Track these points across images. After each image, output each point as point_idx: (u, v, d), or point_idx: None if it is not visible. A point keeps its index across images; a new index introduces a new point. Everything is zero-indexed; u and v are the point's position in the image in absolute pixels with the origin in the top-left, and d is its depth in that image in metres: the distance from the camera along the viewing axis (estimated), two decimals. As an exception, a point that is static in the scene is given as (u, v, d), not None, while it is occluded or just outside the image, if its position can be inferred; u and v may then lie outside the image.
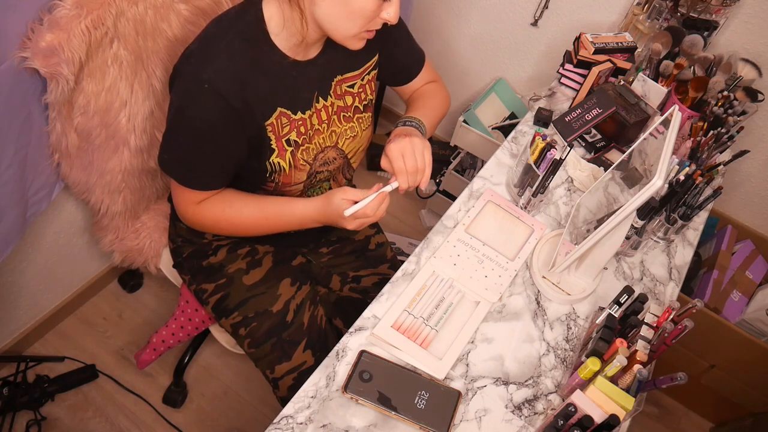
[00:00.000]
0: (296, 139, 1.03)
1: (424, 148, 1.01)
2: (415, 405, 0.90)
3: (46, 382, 1.56)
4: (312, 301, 1.23)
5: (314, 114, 1.05)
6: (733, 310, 1.71)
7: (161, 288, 1.87)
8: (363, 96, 1.12)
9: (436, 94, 1.22)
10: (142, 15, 1.08)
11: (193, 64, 0.93)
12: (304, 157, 1.06)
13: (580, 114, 1.36)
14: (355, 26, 0.91)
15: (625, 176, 1.11)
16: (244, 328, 1.18)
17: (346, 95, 1.09)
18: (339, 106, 1.08)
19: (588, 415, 0.79)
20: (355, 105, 1.11)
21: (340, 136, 1.10)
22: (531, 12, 1.85)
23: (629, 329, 0.94)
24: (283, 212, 1.07)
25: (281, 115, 1.00)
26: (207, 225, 1.09)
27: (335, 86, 1.07)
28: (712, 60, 1.42)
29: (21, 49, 0.97)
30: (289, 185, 1.08)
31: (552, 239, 1.18)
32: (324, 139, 1.08)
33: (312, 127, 1.05)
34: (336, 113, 1.08)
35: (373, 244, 1.37)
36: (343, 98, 1.09)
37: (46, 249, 1.50)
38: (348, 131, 1.12)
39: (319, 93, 1.04)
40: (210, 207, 1.06)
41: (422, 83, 1.24)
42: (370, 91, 1.14)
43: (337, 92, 1.07)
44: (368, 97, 1.14)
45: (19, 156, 1.08)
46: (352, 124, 1.12)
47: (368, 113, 1.15)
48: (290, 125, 1.02)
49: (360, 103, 1.12)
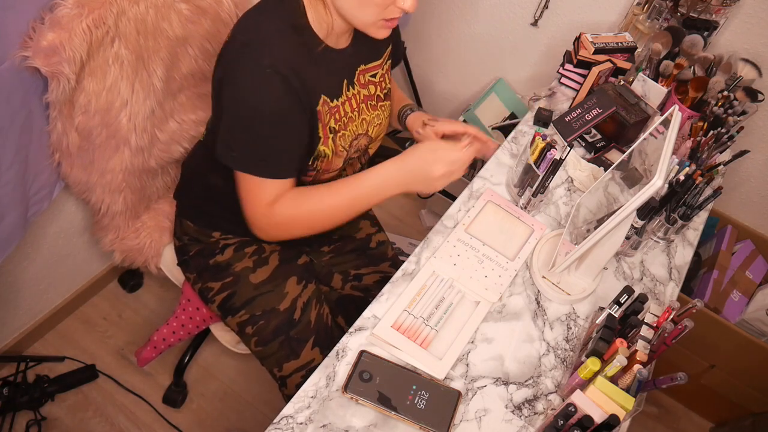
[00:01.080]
0: (334, 126, 1.05)
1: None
2: (415, 405, 0.91)
3: (46, 382, 1.56)
4: (318, 299, 1.23)
5: (346, 101, 1.06)
6: (733, 310, 1.71)
7: (161, 288, 1.87)
8: (383, 85, 1.16)
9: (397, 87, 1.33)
10: (143, 14, 1.08)
11: (251, 52, 0.92)
12: (342, 144, 1.07)
13: (580, 114, 1.36)
14: (371, 14, 0.92)
15: (625, 176, 1.11)
16: (251, 327, 1.18)
17: (369, 84, 1.12)
18: (365, 94, 1.11)
19: (588, 415, 0.79)
20: (377, 94, 1.14)
21: (370, 123, 1.13)
22: (531, 12, 1.85)
23: (629, 329, 0.94)
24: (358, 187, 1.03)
25: (324, 103, 1.01)
26: (282, 226, 1.04)
27: (359, 75, 1.09)
28: (712, 60, 1.42)
29: (22, 48, 0.97)
30: (328, 172, 1.09)
31: (552, 239, 1.18)
32: (357, 126, 1.10)
33: (345, 114, 1.07)
34: (363, 101, 1.11)
35: (374, 242, 1.38)
36: (367, 87, 1.11)
37: (47, 249, 1.50)
38: (375, 119, 1.14)
39: (348, 81, 1.06)
40: (284, 207, 1.02)
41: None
42: (388, 80, 1.17)
43: (361, 81, 1.10)
44: (387, 86, 1.17)
45: (20, 155, 1.08)
46: (378, 113, 1.15)
47: (388, 101, 1.18)
48: (329, 113, 1.03)
49: (381, 92, 1.15)
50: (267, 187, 0.99)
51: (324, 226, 1.08)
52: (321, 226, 1.08)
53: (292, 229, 1.07)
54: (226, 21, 1.26)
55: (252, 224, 1.05)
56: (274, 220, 1.02)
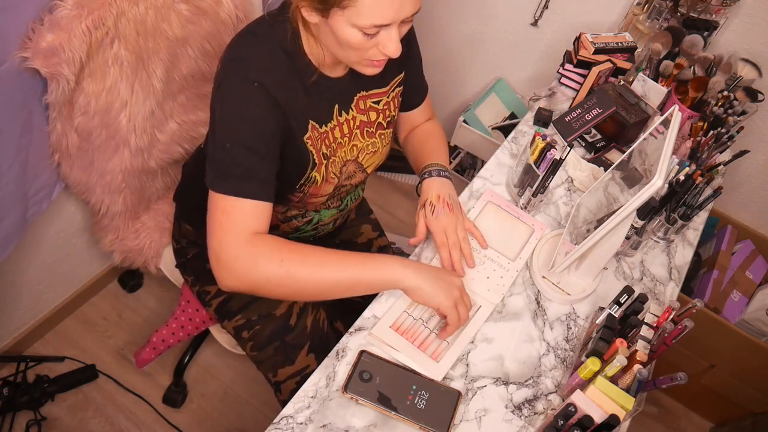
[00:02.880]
0: (326, 152, 1.03)
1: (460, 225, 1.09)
2: (415, 405, 0.90)
3: (46, 382, 1.56)
4: (314, 305, 1.23)
5: (336, 127, 1.03)
6: (733, 310, 1.71)
7: (161, 288, 1.87)
8: (387, 113, 1.12)
9: (442, 137, 1.24)
10: (143, 15, 1.08)
11: (240, 67, 0.91)
12: (333, 170, 1.05)
13: (580, 114, 1.36)
14: (351, 56, 0.90)
15: (625, 176, 1.11)
16: (247, 331, 1.18)
17: (370, 111, 1.08)
18: (362, 120, 1.07)
19: (588, 415, 0.79)
20: (379, 121, 1.10)
21: (362, 150, 1.10)
22: (531, 12, 1.85)
23: (629, 329, 0.94)
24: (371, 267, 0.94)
25: (313, 129, 0.99)
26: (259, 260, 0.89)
27: (358, 101, 1.05)
28: (712, 60, 1.42)
29: (22, 49, 0.97)
30: (316, 196, 1.07)
31: (552, 239, 1.18)
32: (345, 152, 1.07)
33: (335, 140, 1.04)
34: (359, 127, 1.07)
35: (376, 247, 1.38)
36: (367, 113, 1.08)
37: (47, 249, 1.50)
38: (369, 146, 1.11)
39: (340, 106, 1.03)
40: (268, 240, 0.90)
41: (423, 116, 1.26)
42: (394, 108, 1.13)
43: (360, 107, 1.06)
44: (392, 114, 1.13)
45: (19, 156, 1.08)
46: (374, 140, 1.11)
47: (390, 130, 1.14)
48: (320, 138, 1.01)
49: (384, 120, 1.11)
50: (248, 210, 0.89)
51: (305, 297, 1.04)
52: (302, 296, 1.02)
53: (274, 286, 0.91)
54: (225, 21, 1.26)
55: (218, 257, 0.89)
56: (252, 251, 0.88)
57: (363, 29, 0.84)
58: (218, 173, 0.90)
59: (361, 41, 0.86)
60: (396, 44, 0.88)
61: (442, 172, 1.14)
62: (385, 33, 0.86)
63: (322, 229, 1.22)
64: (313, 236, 1.23)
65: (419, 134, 1.24)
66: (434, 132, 1.24)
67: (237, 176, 0.89)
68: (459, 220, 1.10)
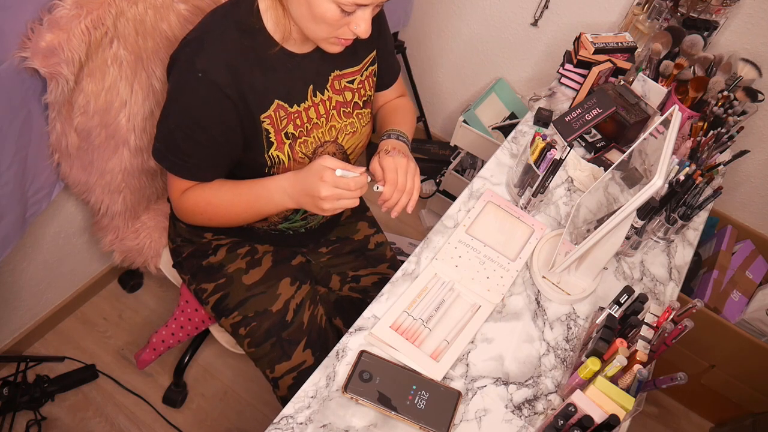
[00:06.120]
0: (293, 131, 1.04)
1: (416, 172, 1.04)
2: (415, 405, 0.90)
3: (46, 382, 1.56)
4: (312, 300, 1.23)
5: (311, 107, 1.05)
6: (733, 310, 1.71)
7: (161, 288, 1.87)
8: (362, 92, 1.12)
9: (410, 111, 1.26)
10: (142, 15, 1.08)
11: (188, 53, 0.94)
12: (302, 150, 1.06)
13: (580, 114, 1.36)
14: (323, 30, 0.91)
15: (625, 176, 1.11)
16: (244, 328, 1.18)
17: (345, 91, 1.09)
18: (338, 101, 1.09)
19: (588, 415, 0.79)
20: (355, 101, 1.11)
21: (340, 131, 1.11)
22: (531, 12, 1.85)
23: (629, 329, 0.94)
24: (256, 188, 1.03)
25: (279, 108, 1.00)
26: (188, 212, 1.08)
27: (333, 81, 1.07)
28: (712, 60, 1.42)
29: (21, 48, 0.97)
30: None
31: (552, 239, 1.18)
32: (323, 133, 1.08)
33: (309, 120, 1.05)
34: (335, 108, 1.09)
35: (373, 243, 1.37)
36: (343, 93, 1.09)
37: (46, 249, 1.50)
38: (348, 127, 1.12)
39: (315, 86, 1.04)
40: (191, 194, 1.05)
41: (395, 95, 1.27)
42: (369, 87, 1.14)
43: (335, 87, 1.07)
44: (367, 93, 1.14)
45: (19, 156, 1.08)
46: (352, 120, 1.12)
47: (368, 109, 1.15)
48: (287, 118, 1.02)
49: (360, 99, 1.12)
50: (183, 181, 1.04)
51: (224, 218, 1.09)
52: (221, 218, 1.09)
53: (196, 215, 1.08)
54: (225, 21, 1.26)
55: (173, 208, 1.13)
56: (183, 204, 1.07)
57: (342, 5, 0.85)
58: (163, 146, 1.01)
59: (336, 17, 0.87)
60: (368, 25, 0.90)
61: (401, 136, 1.13)
62: (361, 12, 0.88)
63: (312, 219, 1.22)
64: (304, 226, 1.23)
65: (388, 107, 1.26)
66: (403, 106, 1.25)
67: (175, 157, 1.00)
68: (415, 169, 1.03)
